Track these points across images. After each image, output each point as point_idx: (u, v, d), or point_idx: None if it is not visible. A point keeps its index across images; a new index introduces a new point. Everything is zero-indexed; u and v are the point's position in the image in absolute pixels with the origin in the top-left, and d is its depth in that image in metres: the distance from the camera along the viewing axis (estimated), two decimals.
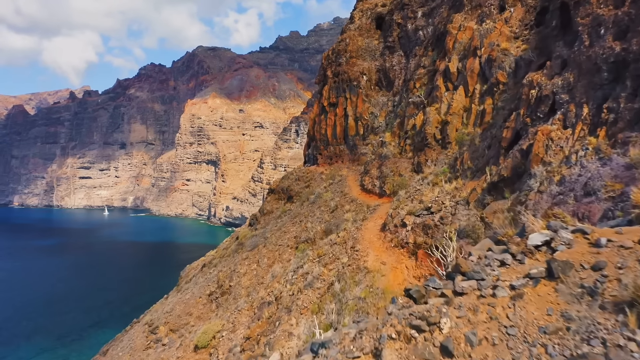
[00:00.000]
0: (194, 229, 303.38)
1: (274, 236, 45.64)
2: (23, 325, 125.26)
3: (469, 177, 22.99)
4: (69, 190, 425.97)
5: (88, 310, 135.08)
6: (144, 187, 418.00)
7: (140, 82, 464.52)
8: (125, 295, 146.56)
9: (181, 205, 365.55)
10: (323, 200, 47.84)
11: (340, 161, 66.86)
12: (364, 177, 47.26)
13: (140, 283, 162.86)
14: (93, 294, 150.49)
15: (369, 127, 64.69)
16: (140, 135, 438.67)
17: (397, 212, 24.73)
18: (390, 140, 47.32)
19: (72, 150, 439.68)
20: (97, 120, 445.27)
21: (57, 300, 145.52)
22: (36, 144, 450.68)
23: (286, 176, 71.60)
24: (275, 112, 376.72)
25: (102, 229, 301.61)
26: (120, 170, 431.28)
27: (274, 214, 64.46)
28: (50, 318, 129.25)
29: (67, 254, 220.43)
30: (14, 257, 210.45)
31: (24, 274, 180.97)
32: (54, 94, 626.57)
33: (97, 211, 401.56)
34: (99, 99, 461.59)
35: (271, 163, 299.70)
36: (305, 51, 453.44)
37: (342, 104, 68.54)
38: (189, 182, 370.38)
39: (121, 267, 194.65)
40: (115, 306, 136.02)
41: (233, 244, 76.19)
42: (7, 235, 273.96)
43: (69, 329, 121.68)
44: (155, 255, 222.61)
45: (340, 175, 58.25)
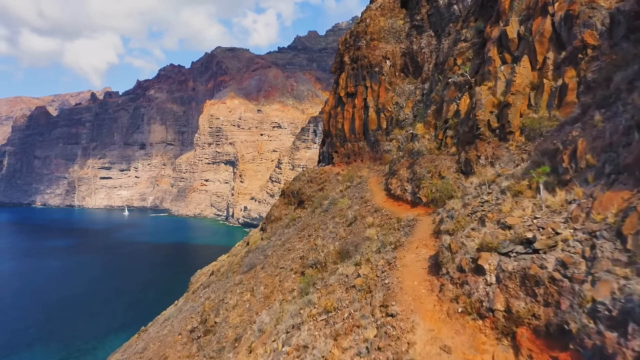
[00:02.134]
0: (211, 230, 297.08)
1: (276, 255, 35.18)
2: (34, 327, 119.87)
3: (596, 182, 12.22)
4: (90, 190, 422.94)
5: (102, 312, 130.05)
6: (163, 187, 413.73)
7: (159, 83, 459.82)
8: (140, 298, 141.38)
9: (199, 205, 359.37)
10: (338, 208, 37.23)
11: (360, 160, 56.18)
12: (389, 179, 36.51)
13: (156, 284, 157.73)
14: (109, 296, 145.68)
15: (393, 120, 53.90)
16: (160, 135, 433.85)
17: (461, 243, 14.20)
18: (423, 133, 36.50)
19: (93, 150, 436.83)
20: (117, 121, 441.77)
21: (73, 302, 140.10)
22: (58, 145, 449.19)
23: (297, 177, 61.04)
24: (293, 112, 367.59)
25: (122, 229, 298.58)
26: (140, 171, 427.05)
27: (281, 222, 54.04)
28: (63, 321, 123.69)
29: (87, 254, 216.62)
30: (35, 257, 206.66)
31: (43, 274, 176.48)
32: (76, 95, 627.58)
33: (118, 211, 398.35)
34: (120, 100, 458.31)
35: (289, 163, 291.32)
36: (323, 51, 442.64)
37: (362, 93, 57.81)
38: (207, 183, 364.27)
39: (139, 268, 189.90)
40: (130, 309, 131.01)
41: (243, 250, 67.00)
42: (29, 235, 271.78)
43: (81, 333, 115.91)
44: (172, 255, 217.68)
45: (359, 177, 47.58)
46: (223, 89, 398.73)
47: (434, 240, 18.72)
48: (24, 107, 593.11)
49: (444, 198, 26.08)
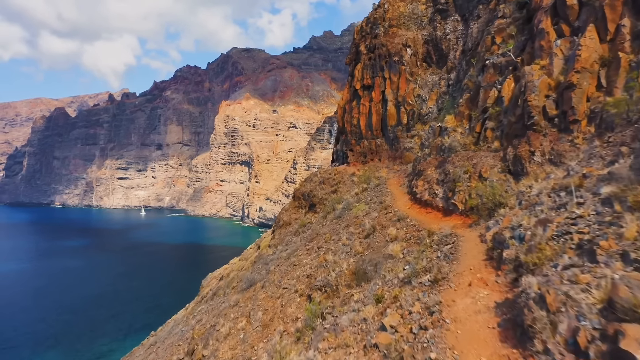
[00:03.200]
0: (227, 230, 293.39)
1: (279, 270, 29.34)
2: (53, 327, 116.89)
3: None
4: (107, 190, 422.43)
5: (118, 313, 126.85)
6: (179, 187, 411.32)
7: (176, 84, 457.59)
8: (155, 298, 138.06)
9: (215, 205, 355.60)
10: (353, 215, 31.32)
11: (377, 159, 50.14)
12: (415, 180, 30.46)
13: (170, 285, 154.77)
14: (125, 296, 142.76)
15: (414, 114, 47.78)
16: (176, 136, 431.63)
17: (564, 295, 8.09)
18: (454, 125, 30.39)
19: (110, 151, 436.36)
20: (134, 122, 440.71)
21: (91, 302, 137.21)
22: (77, 145, 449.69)
23: (309, 178, 55.09)
24: (308, 112, 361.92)
25: (139, 229, 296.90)
26: (157, 171, 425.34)
27: (291, 227, 48.22)
28: (81, 321, 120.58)
29: (105, 254, 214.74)
30: (54, 257, 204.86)
31: (62, 274, 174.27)
32: (95, 96, 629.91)
33: (135, 211, 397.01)
34: (137, 101, 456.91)
35: (304, 164, 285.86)
36: (339, 51, 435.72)
37: (380, 85, 51.74)
38: (223, 183, 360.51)
39: (154, 268, 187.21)
40: (144, 310, 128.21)
41: (253, 254, 61.77)
42: (49, 235, 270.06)
43: (98, 334, 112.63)
44: (187, 256, 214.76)
45: (377, 178, 41.57)
46: (239, 90, 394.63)
47: (494, 272, 12.66)
48: (43, 108, 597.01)
49: (490, 206, 19.99)
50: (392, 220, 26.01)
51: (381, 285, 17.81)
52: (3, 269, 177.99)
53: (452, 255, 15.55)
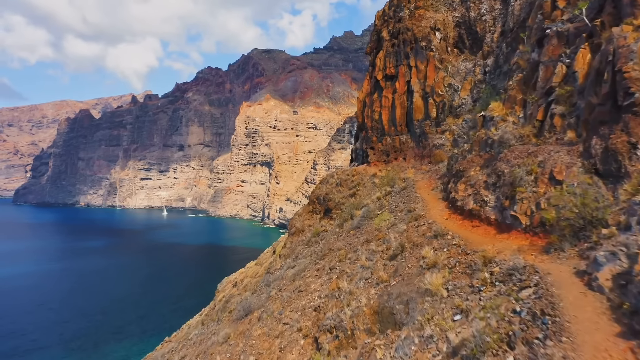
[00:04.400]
0: (247, 231, 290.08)
1: (281, 297, 23.11)
2: (72, 327, 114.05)
3: None
4: (130, 191, 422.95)
5: (144, 314, 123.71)
6: (200, 188, 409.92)
7: (197, 86, 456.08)
8: (174, 300, 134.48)
9: (236, 206, 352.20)
10: (375, 226, 24.90)
11: (402, 158, 43.53)
12: (452, 184, 23.89)
13: (190, 286, 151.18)
14: (150, 298, 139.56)
15: (445, 107, 41.08)
16: (198, 137, 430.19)
17: None
18: (502, 114, 23.71)
19: (133, 152, 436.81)
20: (157, 123, 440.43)
21: (112, 303, 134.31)
22: (100, 147, 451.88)
23: (325, 180, 48.62)
24: (328, 113, 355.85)
25: (161, 230, 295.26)
26: (179, 172, 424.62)
27: (303, 236, 41.97)
28: (102, 322, 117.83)
29: (127, 254, 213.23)
30: (78, 258, 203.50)
31: (86, 275, 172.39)
32: (118, 98, 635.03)
33: (157, 211, 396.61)
34: (159, 103, 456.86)
35: (324, 164, 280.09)
36: (359, 51, 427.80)
37: (404, 75, 45.09)
38: (243, 184, 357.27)
39: (177, 269, 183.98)
40: (163, 311, 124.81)
41: (268, 259, 56.49)
42: (73, 235, 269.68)
43: (117, 335, 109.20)
44: (209, 257, 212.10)
45: (402, 180, 35.03)
46: (259, 91, 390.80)
47: None
48: (69, 110, 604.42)
49: (579, 223, 13.39)
50: (427, 236, 19.51)
51: (418, 346, 11.42)
52: (32, 270, 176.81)
53: (549, 316, 8.95)
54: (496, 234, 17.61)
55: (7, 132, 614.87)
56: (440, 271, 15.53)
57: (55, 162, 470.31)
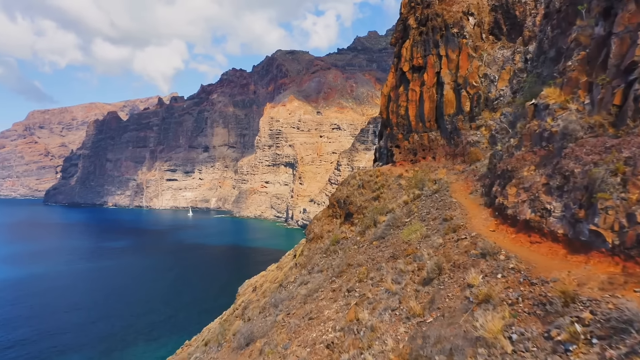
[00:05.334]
0: (271, 232, 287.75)
1: (288, 325, 18.98)
2: (106, 329, 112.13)
3: None
4: (156, 192, 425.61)
5: (172, 315, 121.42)
6: (225, 189, 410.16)
7: (222, 87, 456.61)
8: (205, 302, 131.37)
9: (260, 207, 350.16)
10: (403, 238, 20.54)
11: (431, 157, 38.98)
12: (499, 187, 19.33)
13: (213, 287, 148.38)
14: (177, 298, 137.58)
15: (480, 99, 36.42)
16: (222, 138, 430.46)
17: None
18: (561, 101, 19.06)
19: (160, 153, 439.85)
20: (182, 124, 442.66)
21: (142, 304, 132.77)
22: (128, 148, 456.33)
23: (346, 181, 44.25)
24: (352, 113, 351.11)
25: (187, 230, 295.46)
26: (204, 173, 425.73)
27: (322, 243, 37.77)
28: (134, 323, 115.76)
29: (155, 255, 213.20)
30: (108, 257, 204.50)
31: (116, 274, 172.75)
32: (145, 100, 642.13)
33: (182, 212, 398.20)
34: (184, 104, 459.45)
35: (348, 165, 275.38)
36: (383, 51, 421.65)
37: (433, 65, 40.51)
38: (267, 185, 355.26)
39: (203, 269, 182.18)
40: (197, 313, 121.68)
41: (288, 264, 52.59)
42: (101, 235, 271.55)
43: (151, 336, 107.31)
44: (231, 257, 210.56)
45: (433, 182, 30.50)
46: (283, 92, 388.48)
47: None
48: (97, 112, 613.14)
49: None
50: (471, 254, 15.09)
51: None
52: (62, 270, 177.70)
53: None
54: (567, 255, 13.11)
55: (38, 134, 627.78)
56: (497, 309, 11.14)
57: (84, 163, 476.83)
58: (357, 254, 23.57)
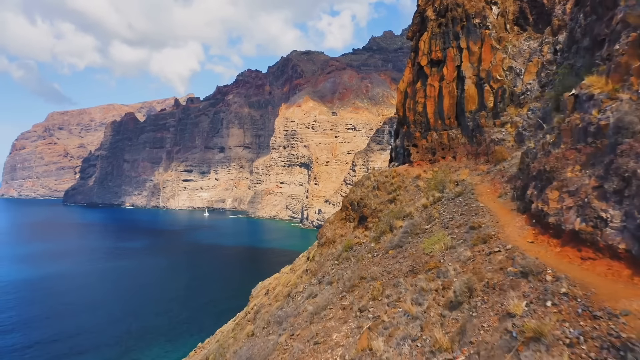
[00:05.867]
0: (285, 232, 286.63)
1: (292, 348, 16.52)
2: (127, 329, 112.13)
3: None
4: (173, 192, 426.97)
5: (190, 317, 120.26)
6: (241, 189, 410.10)
7: (238, 88, 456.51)
8: (223, 303, 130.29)
9: (275, 207, 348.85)
10: (424, 249, 17.85)
11: (451, 156, 36.21)
12: (536, 190, 16.63)
13: (228, 289, 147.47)
14: (195, 299, 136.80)
15: (505, 94, 33.55)
16: (238, 139, 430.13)
17: None
18: (609, 90, 16.27)
19: (176, 154, 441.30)
20: (198, 125, 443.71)
21: (159, 304, 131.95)
22: (145, 149, 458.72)
23: (360, 182, 41.61)
24: (367, 113, 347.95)
25: (203, 230, 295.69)
26: (220, 173, 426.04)
27: (334, 248, 35.28)
28: (152, 324, 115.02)
29: (173, 255, 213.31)
30: (127, 257, 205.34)
31: (127, 274, 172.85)
32: (162, 101, 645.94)
33: (199, 212, 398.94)
34: (200, 105, 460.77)
35: (363, 166, 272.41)
36: (399, 50, 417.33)
37: (453, 59, 37.72)
38: (282, 185, 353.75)
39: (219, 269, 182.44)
40: (215, 315, 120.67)
41: (302, 266, 50.61)
42: (121, 235, 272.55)
43: (170, 337, 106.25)
44: (246, 258, 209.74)
45: (455, 183, 27.78)
46: (298, 92, 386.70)
47: None
48: (115, 114, 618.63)
49: None
50: (508, 272, 12.41)
51: None
52: (83, 269, 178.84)
53: None
54: (633, 277, 10.42)
55: (57, 135, 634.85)
56: (552, 351, 8.52)
57: (102, 164, 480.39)
58: (371, 265, 21.00)
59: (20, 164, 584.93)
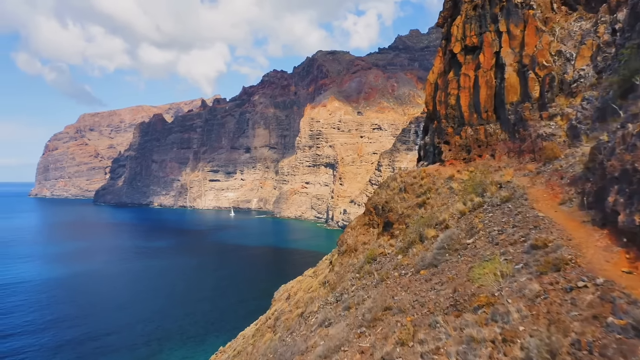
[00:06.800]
0: (311, 233, 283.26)
1: None
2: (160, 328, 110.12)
3: None
4: (200, 192, 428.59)
5: (218, 320, 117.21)
6: (266, 189, 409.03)
7: (263, 89, 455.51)
8: (236, 304, 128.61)
9: (300, 207, 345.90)
10: (471, 276, 13.52)
11: (489, 154, 31.56)
12: (623, 197, 12.07)
13: (253, 289, 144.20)
14: (210, 299, 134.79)
15: (554, 82, 28.73)
16: (263, 139, 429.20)
17: None
18: None
19: (203, 154, 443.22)
20: (225, 126, 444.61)
21: (176, 304, 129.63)
22: (172, 149, 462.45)
23: (384, 184, 37.25)
24: (393, 113, 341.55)
25: (228, 230, 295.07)
26: (245, 174, 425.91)
27: (355, 258, 31.09)
28: (181, 324, 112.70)
29: (196, 254, 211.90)
30: (149, 257, 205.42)
31: (154, 274, 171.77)
32: (189, 103, 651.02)
33: (225, 212, 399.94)
34: (227, 106, 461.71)
35: (389, 166, 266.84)
36: (426, 49, 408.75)
37: (491, 44, 33.04)
38: (308, 185, 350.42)
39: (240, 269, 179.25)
40: (242, 317, 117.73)
41: (325, 270, 46.85)
42: (151, 235, 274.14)
43: (198, 339, 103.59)
44: (271, 258, 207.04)
45: (497, 185, 23.21)
46: (323, 92, 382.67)
47: None
48: (144, 115, 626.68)
49: None
50: (608, 324, 8.04)
51: None
52: (113, 268, 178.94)
53: None
54: None
55: (88, 136, 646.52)
56: None
57: (131, 164, 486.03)
58: (398, 288, 16.73)
59: (53, 165, 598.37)
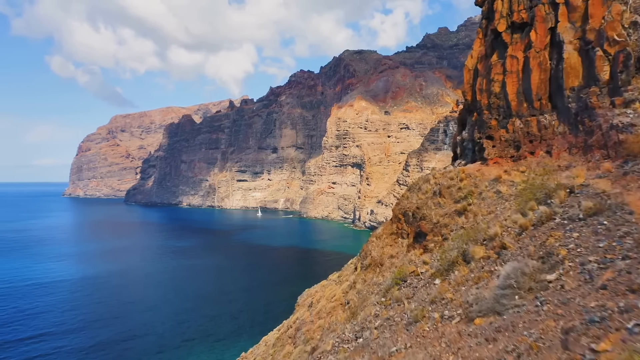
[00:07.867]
0: (337, 233, 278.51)
1: None
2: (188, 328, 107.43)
3: None
4: (228, 192, 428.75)
5: (247, 324, 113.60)
6: (293, 189, 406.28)
7: (290, 89, 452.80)
8: (262, 305, 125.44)
9: (327, 208, 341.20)
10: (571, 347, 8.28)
11: (544, 150, 25.76)
12: None
13: (279, 291, 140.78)
14: (236, 301, 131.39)
15: (629, 60, 22.82)
16: (290, 140, 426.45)
17: None
18: None
19: (230, 155, 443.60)
20: (252, 126, 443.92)
21: (203, 304, 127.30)
22: (201, 150, 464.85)
23: (415, 186, 31.68)
24: (421, 112, 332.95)
25: (255, 230, 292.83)
26: (272, 174, 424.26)
27: (381, 275, 25.79)
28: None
29: (224, 254, 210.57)
30: (178, 256, 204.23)
31: (183, 273, 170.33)
32: (217, 103, 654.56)
33: (252, 212, 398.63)
34: (254, 107, 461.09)
35: (417, 166, 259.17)
36: (454, 47, 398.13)
37: (544, 19, 27.21)
38: (334, 185, 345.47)
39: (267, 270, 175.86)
40: (271, 318, 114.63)
41: (350, 275, 42.20)
42: (181, 234, 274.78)
43: (229, 342, 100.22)
44: (297, 259, 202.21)
45: (566, 190, 17.49)
46: (350, 92, 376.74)
47: None
48: (173, 116, 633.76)
49: None
50: None
51: None
52: (143, 268, 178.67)
53: None
54: None
55: (120, 137, 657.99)
56: None
57: (161, 164, 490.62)
58: (441, 344, 11.29)
59: (86, 165, 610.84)
